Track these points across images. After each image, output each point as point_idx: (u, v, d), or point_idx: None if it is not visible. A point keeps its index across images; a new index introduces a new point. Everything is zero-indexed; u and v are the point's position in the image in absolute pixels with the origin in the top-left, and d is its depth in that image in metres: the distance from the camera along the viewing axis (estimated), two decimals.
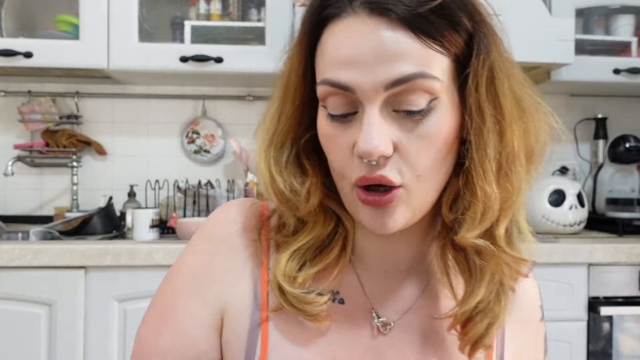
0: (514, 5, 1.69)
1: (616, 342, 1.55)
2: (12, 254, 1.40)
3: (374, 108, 0.48)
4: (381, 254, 0.58)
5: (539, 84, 1.93)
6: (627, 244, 1.56)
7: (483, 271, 0.53)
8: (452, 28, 0.49)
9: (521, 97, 0.52)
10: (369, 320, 0.57)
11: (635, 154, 1.94)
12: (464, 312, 0.53)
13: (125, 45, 1.71)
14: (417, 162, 0.49)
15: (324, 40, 0.51)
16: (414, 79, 0.47)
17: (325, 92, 0.50)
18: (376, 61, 0.47)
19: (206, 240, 0.60)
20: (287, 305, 0.53)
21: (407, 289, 0.58)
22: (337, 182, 0.53)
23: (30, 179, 2.02)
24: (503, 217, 0.52)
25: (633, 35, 1.97)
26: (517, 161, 0.51)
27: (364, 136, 0.47)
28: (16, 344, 1.42)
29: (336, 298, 0.57)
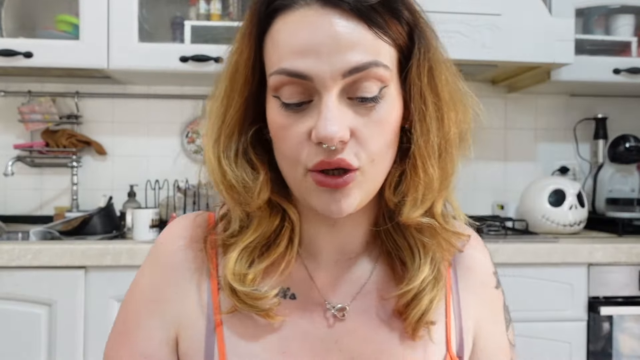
0: (514, 5, 1.70)
1: (616, 342, 1.55)
2: (12, 254, 1.40)
3: (331, 95, 0.49)
4: (330, 244, 0.60)
5: (539, 84, 1.94)
6: (627, 244, 1.56)
7: (425, 250, 0.57)
8: (396, 20, 0.52)
9: (454, 88, 0.57)
10: (323, 311, 0.58)
11: (635, 154, 1.94)
12: (410, 290, 0.56)
13: (125, 45, 1.71)
14: (372, 146, 0.51)
15: (276, 31, 0.51)
16: (369, 67, 0.49)
17: (280, 81, 0.50)
18: (333, 50, 0.48)
19: (155, 259, 0.62)
20: (239, 303, 0.54)
21: (356, 274, 0.60)
22: (288, 171, 0.54)
23: (30, 179, 2.02)
24: (440, 197, 0.56)
25: (633, 35, 1.97)
26: (453, 145, 0.56)
27: (323, 122, 0.48)
28: (16, 344, 1.42)
29: (287, 294, 0.58)
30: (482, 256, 0.67)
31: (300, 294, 0.59)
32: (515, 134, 2.19)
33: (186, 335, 0.58)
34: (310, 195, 0.53)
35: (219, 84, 0.57)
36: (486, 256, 0.68)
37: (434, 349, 0.58)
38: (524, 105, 2.19)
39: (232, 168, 0.55)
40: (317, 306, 0.58)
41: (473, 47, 1.65)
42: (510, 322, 0.68)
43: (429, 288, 0.57)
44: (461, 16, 1.64)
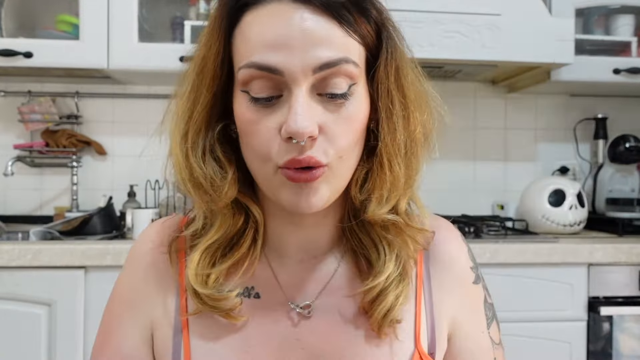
0: (514, 5, 1.70)
1: (616, 342, 1.55)
2: (12, 254, 1.40)
3: (302, 90, 0.49)
4: (295, 242, 0.60)
5: (539, 84, 1.94)
6: (627, 244, 1.56)
7: (390, 247, 0.58)
8: (365, 18, 0.52)
9: (420, 89, 0.58)
10: (287, 311, 0.58)
11: (635, 154, 1.94)
12: (375, 286, 0.56)
13: (125, 45, 1.71)
14: (340, 143, 0.51)
15: (246, 25, 0.51)
16: (339, 63, 0.50)
17: (249, 75, 0.50)
18: (304, 45, 0.49)
19: (129, 261, 0.64)
20: (202, 304, 0.55)
21: (321, 272, 0.60)
22: (258, 167, 0.53)
23: (30, 179, 2.02)
24: (405, 195, 0.57)
25: (633, 35, 1.97)
26: (418, 144, 0.56)
27: (293, 117, 0.48)
28: (16, 344, 1.42)
29: (251, 293, 0.59)
30: (458, 250, 0.65)
31: (264, 293, 0.59)
32: (515, 134, 2.19)
33: (157, 335, 0.60)
34: (279, 192, 0.52)
35: (185, 79, 0.57)
36: (463, 250, 0.66)
37: (400, 346, 0.58)
38: (524, 106, 2.19)
39: (200, 165, 0.54)
40: (281, 305, 0.58)
41: (473, 47, 1.65)
42: (493, 319, 0.66)
43: (394, 285, 0.56)
44: (461, 16, 1.64)
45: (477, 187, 2.17)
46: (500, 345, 0.65)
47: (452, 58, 1.66)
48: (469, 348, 0.62)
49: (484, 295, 0.66)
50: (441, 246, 0.64)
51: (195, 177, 0.54)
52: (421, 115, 0.56)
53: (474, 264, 0.66)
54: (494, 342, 0.64)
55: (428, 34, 1.61)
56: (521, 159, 2.20)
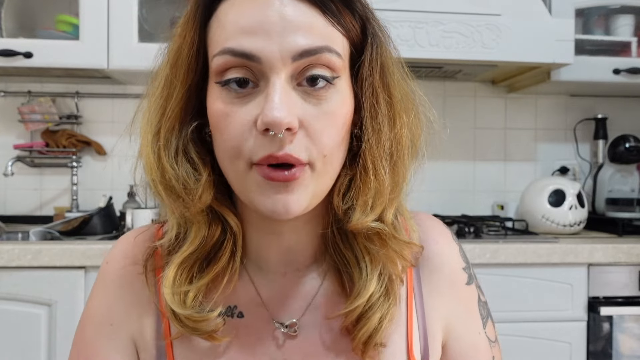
0: (514, 5, 1.70)
1: (616, 342, 1.55)
2: (12, 254, 1.40)
3: (280, 78, 0.46)
4: (276, 255, 0.56)
5: (539, 84, 1.94)
6: (626, 244, 1.56)
7: (373, 263, 0.53)
8: (349, 11, 0.50)
9: (407, 90, 0.54)
10: (271, 330, 0.55)
11: (635, 154, 1.94)
12: (356, 308, 0.52)
13: (125, 46, 1.71)
14: (323, 140, 0.47)
15: (223, 13, 0.48)
16: (321, 52, 0.46)
17: (224, 62, 0.47)
18: (283, 31, 0.45)
19: (102, 282, 0.59)
20: (181, 326, 0.51)
21: (304, 287, 0.56)
22: (228, 165, 0.49)
23: (30, 179, 2.02)
24: (391, 204, 0.52)
25: (633, 36, 1.97)
26: (405, 149, 0.52)
27: (269, 105, 0.44)
28: (16, 344, 1.42)
29: (234, 312, 0.55)
30: (449, 251, 0.62)
31: (247, 312, 0.55)
32: (515, 134, 2.19)
33: (142, 356, 0.56)
34: (253, 193, 0.48)
35: (158, 75, 0.53)
36: (453, 250, 0.63)
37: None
38: (524, 106, 2.19)
39: (173, 166, 0.50)
40: (266, 324, 0.55)
41: (473, 47, 1.65)
42: (488, 318, 0.64)
43: (378, 305, 0.52)
44: (461, 16, 1.64)
45: (477, 187, 2.17)
46: (496, 342, 0.64)
47: (452, 58, 1.66)
48: (466, 351, 0.61)
49: (477, 295, 0.64)
50: (432, 247, 0.61)
51: (167, 178, 0.50)
52: (408, 117, 0.53)
53: (466, 264, 0.64)
54: (491, 341, 0.63)
55: (428, 34, 1.61)
56: (521, 159, 2.20)
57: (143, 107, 0.55)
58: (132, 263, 0.57)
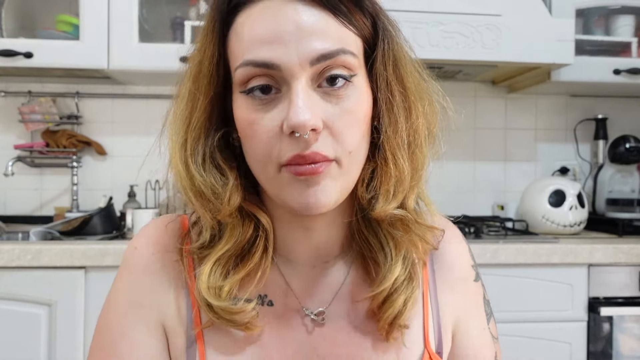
0: (514, 5, 1.70)
1: (616, 342, 1.55)
2: (12, 254, 1.40)
3: (301, 83, 0.48)
4: (305, 248, 0.58)
5: (539, 84, 1.94)
6: (627, 245, 1.56)
7: (397, 248, 0.56)
8: (360, 10, 0.52)
9: (420, 80, 0.57)
10: (300, 317, 0.57)
11: (635, 155, 1.94)
12: (382, 292, 0.55)
13: (126, 46, 1.71)
14: (346, 138, 0.50)
15: (239, 25, 0.50)
16: (337, 54, 0.49)
17: (246, 74, 0.49)
18: (299, 38, 0.48)
19: (130, 267, 0.59)
20: (217, 318, 0.53)
21: (332, 278, 0.59)
22: (260, 170, 0.52)
23: (31, 179, 2.02)
24: (412, 191, 0.56)
25: (633, 36, 1.97)
26: (422, 136, 0.55)
27: (294, 109, 0.47)
28: (16, 344, 1.42)
29: (264, 301, 0.57)
30: (461, 249, 0.66)
31: (277, 301, 0.57)
32: (516, 135, 2.19)
33: (171, 342, 0.57)
34: (285, 192, 0.50)
35: (182, 86, 0.56)
36: (465, 249, 0.67)
37: (408, 351, 0.58)
38: (524, 106, 2.19)
39: (201, 173, 0.53)
40: (295, 312, 0.57)
41: (473, 47, 1.65)
42: (491, 315, 0.67)
43: (402, 288, 0.56)
44: (461, 16, 1.64)
45: (477, 188, 2.17)
46: (497, 340, 0.67)
47: (452, 58, 1.66)
48: (472, 345, 0.63)
49: (482, 292, 0.67)
50: (445, 246, 0.64)
51: (197, 185, 0.53)
52: (422, 106, 0.55)
53: (474, 262, 0.67)
54: (493, 337, 0.66)
55: (428, 35, 1.61)
56: (521, 159, 2.20)
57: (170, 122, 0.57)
58: (164, 250, 0.59)
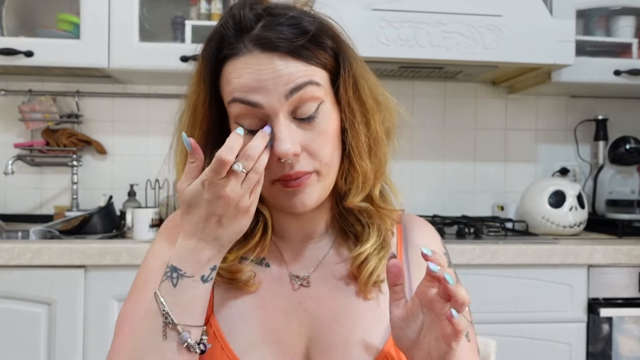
0: (515, 6, 1.70)
1: (616, 343, 1.55)
2: (12, 253, 1.40)
3: (281, 117, 0.61)
4: (296, 230, 0.73)
5: (540, 85, 1.94)
6: (626, 246, 1.56)
7: (372, 223, 0.71)
8: (322, 50, 0.64)
9: (377, 95, 0.70)
10: (290, 280, 0.72)
11: (635, 156, 1.94)
12: (361, 253, 0.69)
13: (126, 45, 1.71)
14: (321, 153, 0.64)
15: (228, 73, 0.63)
16: (306, 85, 0.62)
17: (238, 109, 0.62)
18: (275, 83, 0.61)
19: (165, 235, 0.75)
20: (220, 278, 0.67)
21: (317, 250, 0.74)
22: None
23: (31, 178, 2.02)
24: (376, 183, 0.70)
25: (634, 37, 1.97)
26: (380, 141, 0.69)
27: (278, 143, 0.61)
28: (16, 343, 1.42)
29: (263, 263, 0.72)
30: (432, 237, 0.78)
31: (272, 264, 0.72)
32: (516, 135, 2.19)
33: None
34: (278, 198, 0.66)
35: (182, 117, 0.70)
36: (436, 239, 0.79)
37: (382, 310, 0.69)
38: (525, 106, 2.19)
39: None
40: (286, 275, 0.72)
41: (474, 48, 1.65)
42: None
43: (376, 251, 0.70)
44: (462, 17, 1.64)
45: (477, 188, 2.17)
46: (471, 323, 0.73)
47: (453, 59, 1.66)
48: None
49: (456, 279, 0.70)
50: (416, 231, 0.78)
51: None
52: (380, 116, 0.68)
53: (446, 252, 0.77)
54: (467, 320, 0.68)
55: (429, 35, 1.61)
56: (521, 159, 2.20)
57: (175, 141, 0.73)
58: None
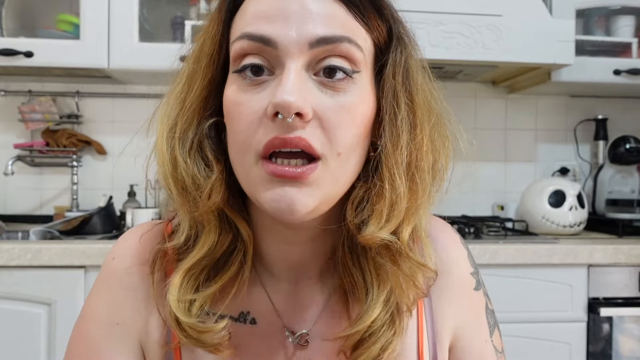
0: (514, 6, 1.70)
1: (616, 343, 1.55)
2: (12, 254, 1.40)
3: (295, 64, 0.44)
4: (290, 265, 0.54)
5: (540, 85, 1.94)
6: (627, 245, 1.56)
7: (381, 287, 0.50)
8: (376, 11, 0.48)
9: (430, 99, 0.52)
10: (283, 339, 0.53)
11: (635, 155, 1.94)
12: (356, 332, 0.49)
13: (126, 45, 1.71)
14: (338, 134, 0.45)
15: (246, 4, 0.48)
16: (340, 41, 0.45)
17: (242, 48, 0.46)
18: (302, 17, 0.45)
19: (107, 280, 0.56)
20: (184, 336, 0.49)
21: (316, 297, 0.55)
22: (238, 160, 0.47)
23: (30, 179, 2.02)
24: (408, 219, 0.49)
25: (633, 36, 1.97)
26: (425, 159, 0.49)
27: (281, 88, 0.43)
28: (16, 343, 1.42)
29: (247, 319, 0.53)
30: (458, 256, 0.61)
31: (260, 319, 0.54)
32: (516, 135, 2.19)
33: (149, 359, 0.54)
34: (260, 190, 0.45)
35: (181, 72, 0.53)
36: (463, 255, 0.61)
37: None
38: (525, 106, 2.19)
39: (185, 159, 0.49)
40: (278, 333, 0.53)
41: (474, 47, 1.65)
42: (495, 326, 0.62)
43: (380, 334, 0.49)
44: (462, 17, 1.64)
45: (477, 188, 2.17)
46: (502, 353, 0.62)
47: (452, 59, 1.66)
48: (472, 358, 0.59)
49: (485, 302, 0.62)
50: (441, 253, 0.59)
51: (179, 172, 0.49)
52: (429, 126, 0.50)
53: (475, 269, 0.62)
54: (497, 351, 0.61)
55: (429, 35, 1.61)
56: (521, 159, 2.20)
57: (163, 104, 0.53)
58: (140, 263, 0.55)
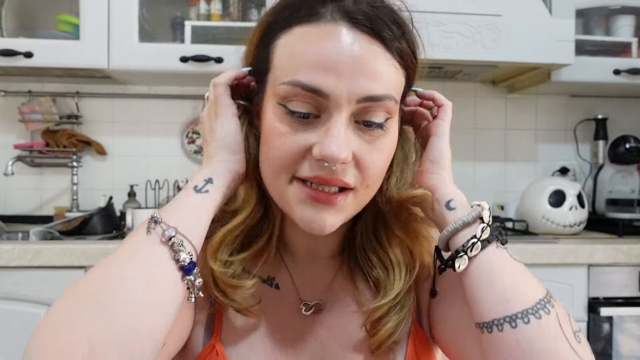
0: (514, 6, 1.70)
1: (616, 342, 1.55)
2: (12, 254, 1.40)
3: (342, 116, 0.49)
4: (306, 247, 0.62)
5: (540, 85, 1.94)
6: (627, 245, 1.56)
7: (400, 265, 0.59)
8: (415, 58, 0.56)
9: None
10: (298, 304, 0.61)
11: (635, 155, 1.94)
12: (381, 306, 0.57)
13: (126, 46, 1.71)
14: (370, 172, 0.52)
15: (294, 37, 0.51)
16: (382, 100, 0.50)
17: (292, 93, 0.50)
18: (354, 73, 0.49)
19: None
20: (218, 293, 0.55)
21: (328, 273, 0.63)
22: (270, 177, 0.54)
23: (30, 179, 2.02)
24: None
25: (633, 36, 1.97)
26: None
27: (329, 141, 0.48)
28: (16, 343, 1.41)
29: (273, 283, 0.62)
30: None
31: (283, 286, 0.62)
32: (516, 135, 2.19)
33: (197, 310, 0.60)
34: (293, 207, 0.53)
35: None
36: None
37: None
38: (525, 106, 2.19)
39: None
40: (296, 300, 0.61)
41: (473, 47, 1.65)
42: None
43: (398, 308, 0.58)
44: (462, 17, 1.64)
45: (477, 188, 2.17)
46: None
47: (452, 59, 1.66)
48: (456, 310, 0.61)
49: None
50: None
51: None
52: None
53: None
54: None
55: (428, 35, 1.61)
56: (521, 159, 2.20)
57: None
58: None
